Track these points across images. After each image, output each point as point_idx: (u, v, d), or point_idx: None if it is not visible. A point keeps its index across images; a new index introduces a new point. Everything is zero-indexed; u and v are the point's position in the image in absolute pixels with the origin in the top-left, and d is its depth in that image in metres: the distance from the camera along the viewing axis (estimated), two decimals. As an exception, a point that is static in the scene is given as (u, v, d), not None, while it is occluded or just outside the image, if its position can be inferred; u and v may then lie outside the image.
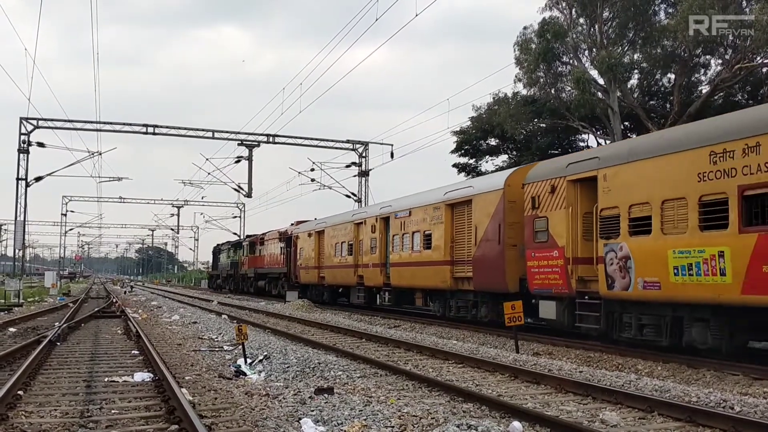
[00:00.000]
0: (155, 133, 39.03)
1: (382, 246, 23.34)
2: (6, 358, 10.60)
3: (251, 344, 12.04)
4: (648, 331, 11.87)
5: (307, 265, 31.12)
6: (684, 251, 10.84)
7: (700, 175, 10.55)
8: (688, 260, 10.74)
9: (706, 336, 10.84)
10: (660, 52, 27.78)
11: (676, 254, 10.96)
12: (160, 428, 6.25)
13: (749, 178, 9.73)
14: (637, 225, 11.86)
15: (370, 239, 24.28)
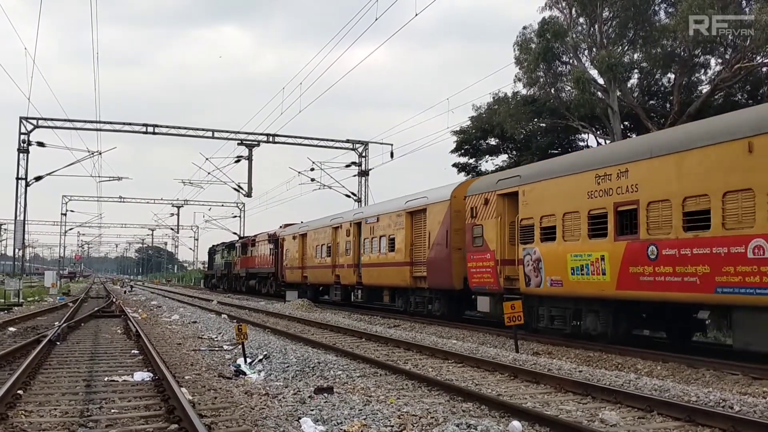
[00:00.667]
0: (155, 132, 39.04)
1: (355, 248, 25.59)
2: (6, 358, 10.61)
3: (251, 344, 12.05)
4: (557, 321, 14.34)
5: (292, 265, 33.63)
6: (578, 255, 13.34)
7: (589, 193, 13.04)
8: (580, 262, 13.26)
9: (596, 324, 13.26)
10: (660, 52, 27.77)
11: (573, 257, 13.44)
12: (160, 428, 6.26)
13: (621, 196, 12.27)
14: (546, 233, 14.36)
15: (345, 242, 26.73)
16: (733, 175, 10.21)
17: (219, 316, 21.89)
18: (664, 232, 11.39)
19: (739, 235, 10.11)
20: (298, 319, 20.56)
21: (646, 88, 32.17)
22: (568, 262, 13.54)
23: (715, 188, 10.48)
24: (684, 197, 11.04)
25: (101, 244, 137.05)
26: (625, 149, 13.11)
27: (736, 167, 10.19)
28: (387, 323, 20.04)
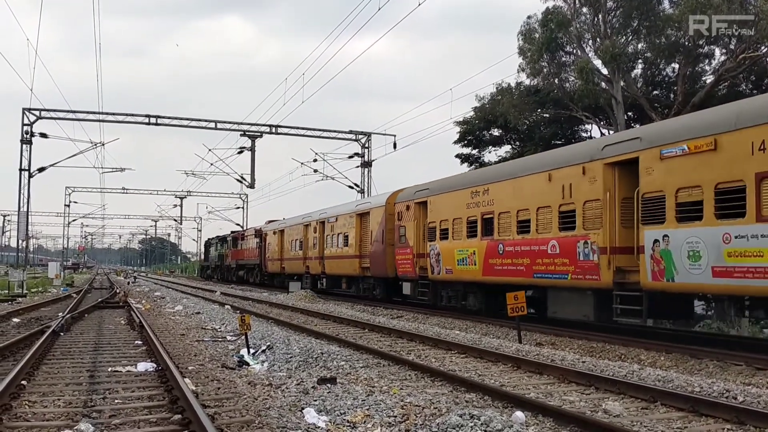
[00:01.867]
0: (158, 123, 38.96)
1: (320, 244, 29.90)
2: (10, 348, 10.64)
3: (254, 334, 12.06)
4: (452, 299, 18.98)
5: (273, 257, 38.32)
6: (461, 250, 17.83)
7: (467, 205, 17.66)
8: (462, 256, 17.75)
9: (475, 303, 18.06)
10: (664, 42, 27.61)
11: (458, 252, 17.94)
12: (164, 418, 6.27)
13: (485, 208, 16.88)
14: (443, 233, 18.89)
15: (313, 238, 31.10)
16: (540, 195, 14.70)
17: (222, 307, 21.92)
18: (507, 235, 15.93)
19: (544, 237, 14.49)
20: (301, 309, 20.58)
21: (650, 79, 32.02)
22: (455, 255, 18.09)
23: (533, 204, 14.95)
24: (518, 210, 15.57)
25: (104, 235, 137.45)
26: (488, 173, 18.24)
27: (543, 190, 14.64)
28: (390, 314, 20.07)
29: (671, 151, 11.46)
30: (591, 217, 13.27)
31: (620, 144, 12.92)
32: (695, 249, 10.79)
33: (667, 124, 13.71)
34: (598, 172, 13.09)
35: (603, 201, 12.89)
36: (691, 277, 10.86)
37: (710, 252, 10.51)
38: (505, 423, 5.63)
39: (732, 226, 10.19)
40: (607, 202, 12.81)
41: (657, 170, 11.69)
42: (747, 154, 10.04)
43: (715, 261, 10.40)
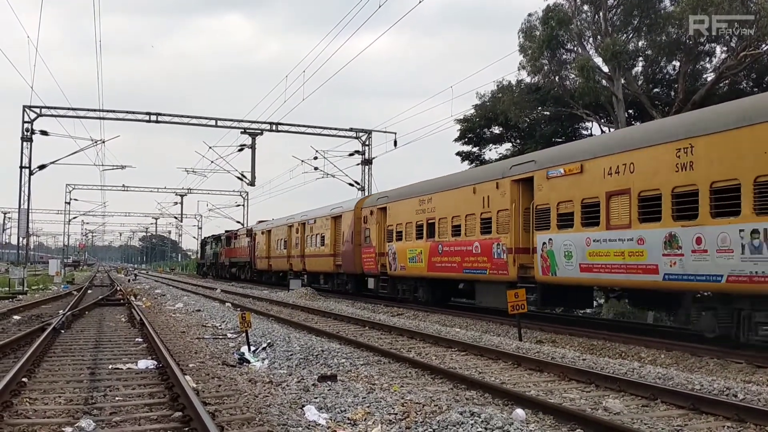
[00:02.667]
0: (158, 121, 38.88)
1: (302, 243, 32.93)
2: (10, 346, 10.65)
3: (255, 332, 12.07)
4: (406, 292, 22.04)
5: (261, 255, 41.33)
6: (412, 250, 20.75)
7: (416, 211, 20.61)
8: (413, 254, 20.67)
9: (423, 295, 20.97)
10: (665, 40, 27.56)
11: (409, 251, 20.87)
12: (164, 415, 6.27)
13: (430, 214, 19.84)
14: (398, 235, 21.91)
15: (295, 238, 34.18)
16: (468, 205, 17.67)
17: (223, 304, 21.94)
18: (445, 237, 18.90)
19: (470, 239, 17.49)
20: (302, 307, 20.60)
21: (651, 76, 31.95)
22: (407, 254, 21.07)
23: (462, 212, 18.06)
24: (452, 216, 18.58)
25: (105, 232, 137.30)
26: (432, 185, 20.63)
27: (470, 201, 17.60)
28: (390, 312, 20.09)
29: (554, 173, 14.35)
30: (502, 223, 16.21)
31: (521, 165, 15.99)
32: (569, 250, 13.67)
33: (552, 151, 16.55)
34: (507, 187, 16.08)
35: (510, 210, 15.87)
36: (567, 272, 13.73)
37: (578, 252, 13.39)
38: (506, 420, 5.63)
39: (592, 232, 13.05)
40: (513, 211, 15.81)
41: (545, 187, 14.60)
42: (601, 177, 12.92)
43: (581, 259, 13.31)
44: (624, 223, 12.33)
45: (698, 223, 10.79)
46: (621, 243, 12.35)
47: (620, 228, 12.38)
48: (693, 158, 11.00)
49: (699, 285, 10.96)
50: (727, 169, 10.41)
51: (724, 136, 10.56)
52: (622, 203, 12.42)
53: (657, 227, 11.57)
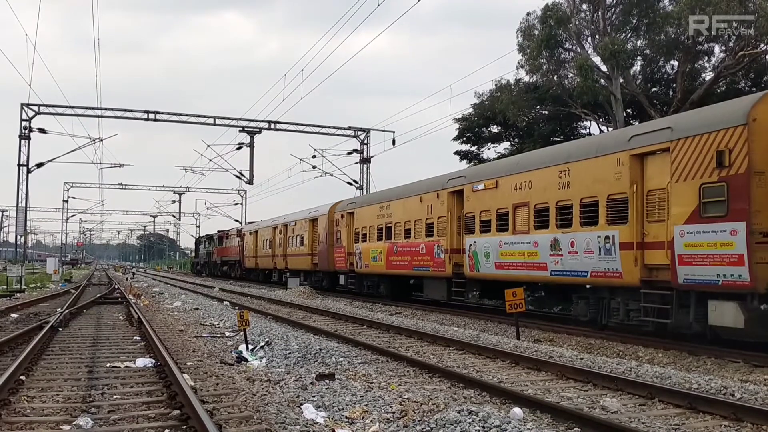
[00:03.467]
0: (156, 119, 38.88)
1: (284, 243, 35.65)
2: (8, 344, 10.65)
3: (253, 330, 12.07)
4: (371, 288, 24.90)
5: (249, 255, 44.15)
6: (374, 250, 23.52)
7: (377, 216, 23.62)
8: (375, 254, 23.51)
9: (384, 290, 23.88)
10: (663, 39, 27.57)
11: (372, 251, 23.66)
12: (162, 413, 6.28)
13: (387, 219, 22.79)
14: (363, 237, 24.85)
15: (278, 239, 36.89)
16: (416, 212, 20.69)
17: (221, 303, 21.94)
18: (399, 239, 21.84)
19: (418, 241, 20.38)
20: (300, 306, 20.61)
21: (649, 76, 31.96)
22: (370, 254, 23.90)
23: (412, 217, 20.94)
24: (404, 221, 21.52)
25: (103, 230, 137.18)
26: (389, 194, 23.88)
27: (418, 208, 20.53)
28: (388, 311, 20.10)
29: (477, 187, 17.26)
30: (441, 228, 19.12)
31: (455, 179, 18.81)
32: (488, 250, 16.58)
33: (477, 168, 20.87)
34: (445, 197, 19.00)
35: (447, 217, 18.82)
36: (486, 269, 16.71)
37: (494, 252, 16.32)
38: (503, 419, 5.64)
39: (503, 236, 15.95)
40: (449, 218, 18.74)
41: (471, 198, 17.53)
42: (510, 191, 15.78)
43: (496, 258, 16.25)
44: (525, 229, 15.21)
45: (572, 230, 13.62)
46: (522, 245, 15.27)
47: (522, 233, 15.29)
48: (570, 179, 13.82)
49: (573, 279, 13.73)
50: (590, 188, 13.20)
51: (588, 162, 13.34)
52: (523, 213, 15.31)
53: (546, 233, 14.40)
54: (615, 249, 12.39)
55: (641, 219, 12.01)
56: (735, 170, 10.29)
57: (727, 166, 10.37)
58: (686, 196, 10.98)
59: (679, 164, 11.18)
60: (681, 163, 11.15)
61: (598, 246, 12.76)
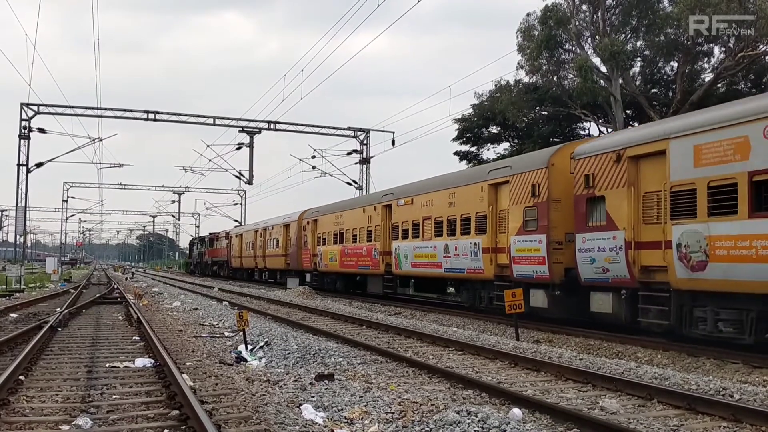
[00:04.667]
0: (156, 119, 38.92)
1: (264, 245, 40.11)
2: (7, 344, 10.64)
3: (252, 331, 12.07)
4: (329, 284, 28.95)
5: (235, 255, 48.63)
6: (331, 251, 27.80)
7: (333, 223, 27.96)
8: (331, 255, 27.74)
9: (340, 286, 27.95)
10: (663, 40, 27.60)
11: (329, 253, 27.84)
12: (161, 413, 6.27)
13: (342, 226, 27.05)
14: (323, 240, 29.01)
15: (259, 241, 41.34)
16: (360, 221, 25.02)
17: (220, 303, 21.92)
18: (349, 243, 26.18)
19: (361, 245, 24.78)
20: (299, 306, 20.60)
21: (649, 77, 32.01)
22: (328, 255, 28.35)
23: (357, 226, 25.44)
24: (352, 228, 25.96)
25: (102, 230, 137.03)
26: (341, 205, 28.74)
27: (361, 218, 25.06)
28: (388, 311, 20.10)
29: (400, 203, 21.96)
30: (377, 234, 23.62)
31: (386, 196, 23.62)
32: (406, 253, 21.11)
33: (401, 187, 23.11)
34: (379, 209, 23.63)
35: (381, 225, 23.38)
36: (406, 268, 21.25)
37: (410, 254, 20.80)
38: (503, 420, 5.64)
39: (416, 242, 20.52)
40: (382, 226, 23.30)
41: (397, 212, 22.18)
42: (420, 207, 20.45)
43: (411, 259, 20.70)
44: (429, 237, 19.77)
45: (456, 238, 18.22)
46: (427, 249, 19.76)
47: (427, 240, 19.83)
48: (455, 200, 18.43)
49: (457, 274, 18.54)
50: (466, 208, 17.81)
51: (465, 188, 18.07)
52: (428, 224, 19.83)
53: (441, 240, 19.04)
54: (479, 252, 17.02)
55: (495, 230, 16.55)
56: (541, 198, 14.69)
57: (537, 195, 14.78)
58: (517, 215, 15.49)
59: (513, 192, 15.70)
60: (514, 192, 15.66)
61: (471, 250, 17.39)
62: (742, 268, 9.96)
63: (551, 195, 14.44)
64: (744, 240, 9.97)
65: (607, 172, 12.86)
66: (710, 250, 10.48)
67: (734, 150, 10.14)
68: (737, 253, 10.11)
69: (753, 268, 9.74)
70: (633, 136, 12.90)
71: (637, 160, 12.27)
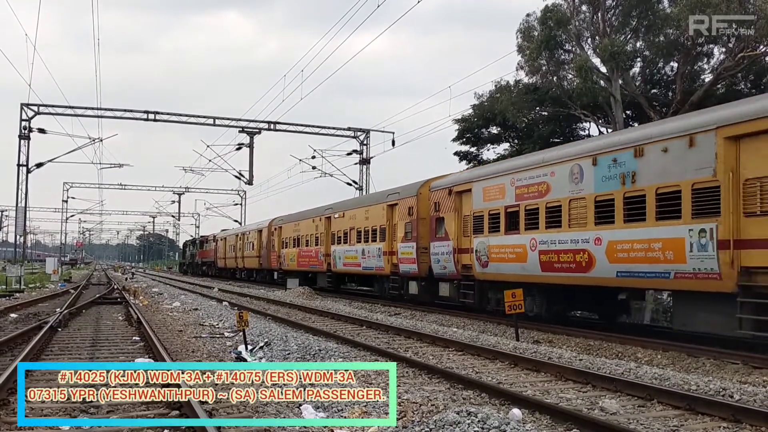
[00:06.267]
0: (156, 119, 38.92)
1: (243, 247, 46.28)
2: (7, 344, 10.64)
3: (252, 331, 12.07)
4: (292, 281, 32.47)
5: (221, 256, 54.91)
6: (291, 253, 34.67)
7: (293, 230, 34.60)
8: (291, 257, 34.58)
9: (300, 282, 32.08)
10: (663, 41, 27.59)
11: (290, 254, 34.87)
12: (162, 413, 6.28)
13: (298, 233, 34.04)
14: (285, 244, 35.97)
15: (239, 244, 47.23)
16: (311, 228, 31.54)
17: (220, 303, 21.93)
18: (303, 246, 32.48)
19: (311, 248, 31.27)
20: (299, 306, 20.60)
21: (649, 77, 31.98)
22: (289, 256, 34.43)
23: (310, 232, 31.60)
24: (305, 235, 32.36)
25: (102, 231, 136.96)
26: (299, 216, 34.25)
27: (312, 227, 31.44)
28: (388, 311, 20.10)
29: (335, 216, 28.40)
30: (322, 240, 29.78)
31: (327, 209, 29.66)
32: (339, 255, 27.37)
33: (338, 203, 29.54)
34: (323, 220, 29.68)
35: (324, 233, 29.42)
36: (340, 266, 27.57)
37: (342, 256, 27.02)
38: (502, 420, 5.64)
39: (345, 246, 26.73)
40: (325, 234, 29.29)
41: (334, 223, 28.59)
42: (348, 219, 26.72)
43: (342, 260, 26.99)
44: (353, 242, 26.02)
45: (369, 244, 24.45)
46: (352, 252, 25.95)
47: (352, 245, 26.06)
48: (369, 215, 24.82)
49: (369, 271, 24.76)
50: (374, 221, 24.16)
51: (374, 206, 24.58)
52: (353, 233, 26.18)
53: (360, 245, 25.20)
54: (381, 255, 23.26)
55: (391, 239, 22.80)
56: (413, 217, 21.09)
57: (412, 215, 21.20)
58: (401, 228, 21.92)
59: (400, 212, 22.18)
60: (400, 211, 22.17)
61: (376, 253, 23.65)
62: (504, 265, 15.98)
63: (419, 215, 20.76)
64: (504, 248, 15.93)
65: (445, 201, 19.18)
66: (490, 254, 16.53)
67: (499, 192, 16.26)
68: (502, 256, 16.03)
69: (508, 266, 15.80)
70: (456, 179, 19.26)
71: (459, 194, 18.46)
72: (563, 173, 13.98)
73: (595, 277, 13.04)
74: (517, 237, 15.34)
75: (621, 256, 12.25)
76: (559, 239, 13.95)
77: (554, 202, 14.21)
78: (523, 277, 15.05)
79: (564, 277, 13.94)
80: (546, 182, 14.56)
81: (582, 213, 13.36)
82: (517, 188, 15.51)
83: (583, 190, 13.35)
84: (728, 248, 10.12)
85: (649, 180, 11.73)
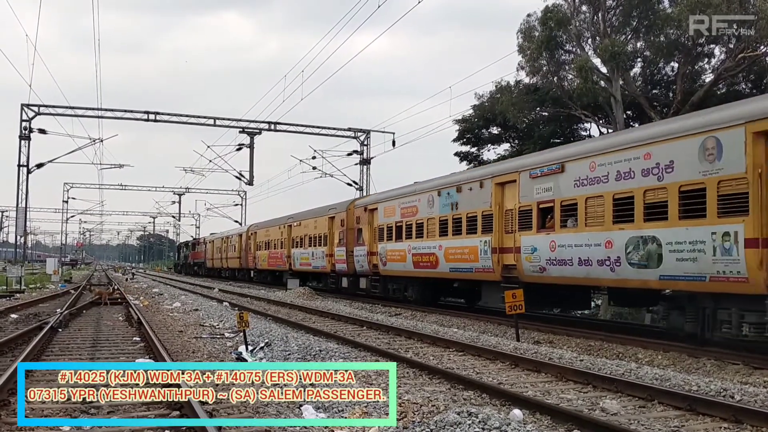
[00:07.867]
0: (156, 120, 38.85)
1: (227, 250, 51.67)
2: (8, 344, 10.64)
3: (252, 331, 12.07)
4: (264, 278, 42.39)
5: (209, 257, 60.03)
6: (263, 255, 40.56)
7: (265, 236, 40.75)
8: (263, 258, 40.47)
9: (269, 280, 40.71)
10: (663, 41, 27.57)
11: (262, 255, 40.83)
12: (162, 414, 6.28)
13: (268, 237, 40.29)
14: (259, 247, 41.76)
15: (224, 246, 52.70)
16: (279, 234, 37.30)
17: (220, 303, 21.92)
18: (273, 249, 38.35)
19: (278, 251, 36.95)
20: (300, 307, 20.60)
21: (649, 77, 31.95)
22: (261, 257, 40.44)
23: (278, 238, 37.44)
24: (275, 239, 38.06)
25: (103, 231, 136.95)
26: (270, 223, 40.54)
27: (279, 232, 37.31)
28: (388, 312, 20.09)
29: (294, 224, 33.94)
30: (285, 244, 34.63)
31: (288, 219, 34.93)
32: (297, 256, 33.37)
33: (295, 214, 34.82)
34: (286, 228, 34.85)
35: (287, 239, 34.47)
36: (297, 266, 33.21)
37: (299, 257, 32.91)
38: (503, 421, 5.63)
39: (301, 249, 32.74)
40: (288, 239, 34.47)
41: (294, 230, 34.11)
42: (303, 227, 32.65)
43: (300, 260, 32.78)
44: (306, 246, 31.15)
45: (316, 248, 29.54)
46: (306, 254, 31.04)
47: (305, 248, 31.18)
48: (317, 224, 29.80)
49: (316, 270, 29.95)
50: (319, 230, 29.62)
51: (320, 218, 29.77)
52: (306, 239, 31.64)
53: (310, 249, 30.40)
54: (325, 257, 28.56)
55: (331, 244, 27.98)
56: (344, 227, 26.42)
57: (343, 225, 26.51)
58: (337, 236, 27.20)
59: (336, 223, 27.68)
60: (336, 222, 27.65)
61: (321, 255, 29.05)
62: (395, 264, 21.86)
63: (348, 225, 26.24)
64: (394, 252, 21.80)
65: (363, 216, 25.02)
66: (387, 256, 22.36)
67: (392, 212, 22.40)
68: (394, 258, 21.87)
69: (397, 264, 21.63)
70: (370, 200, 25.56)
71: (372, 211, 24.24)
72: (424, 200, 20.12)
73: (440, 272, 19.06)
74: (401, 244, 21.27)
75: (452, 257, 18.20)
76: (422, 246, 19.98)
77: (420, 220, 20.29)
78: (405, 273, 21.39)
79: (426, 272, 20.04)
80: (416, 206, 20.61)
81: (433, 228, 19.35)
82: (401, 209, 21.56)
83: (434, 212, 19.38)
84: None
85: (463, 207, 17.89)
